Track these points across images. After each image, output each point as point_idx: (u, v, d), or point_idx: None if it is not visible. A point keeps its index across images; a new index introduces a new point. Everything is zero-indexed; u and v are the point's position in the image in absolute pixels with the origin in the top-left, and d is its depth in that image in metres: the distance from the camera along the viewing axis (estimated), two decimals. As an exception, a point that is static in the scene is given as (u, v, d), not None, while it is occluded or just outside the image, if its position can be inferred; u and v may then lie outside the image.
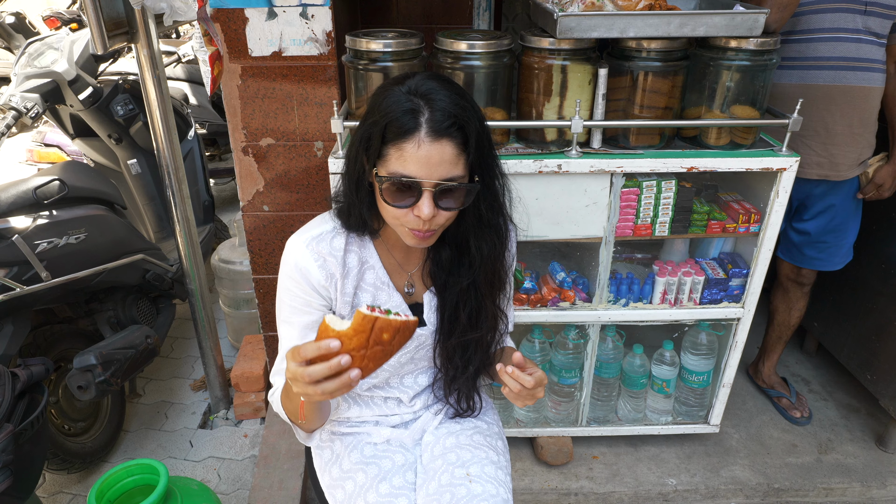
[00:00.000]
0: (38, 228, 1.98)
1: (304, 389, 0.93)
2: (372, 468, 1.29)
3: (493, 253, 1.20)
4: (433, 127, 1.01)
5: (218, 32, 1.83)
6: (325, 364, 0.90)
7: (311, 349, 0.92)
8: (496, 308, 1.29)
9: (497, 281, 1.26)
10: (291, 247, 1.19)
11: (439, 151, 1.02)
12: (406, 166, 1.03)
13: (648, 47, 1.73)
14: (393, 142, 1.03)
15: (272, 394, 1.29)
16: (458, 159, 1.05)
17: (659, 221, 1.89)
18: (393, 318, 0.92)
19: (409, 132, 1.02)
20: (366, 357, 0.93)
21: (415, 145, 1.02)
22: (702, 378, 2.20)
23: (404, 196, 1.06)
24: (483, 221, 1.17)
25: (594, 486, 2.21)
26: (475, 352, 1.30)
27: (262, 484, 2.08)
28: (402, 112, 1.02)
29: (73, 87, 2.54)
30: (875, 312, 2.35)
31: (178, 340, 3.08)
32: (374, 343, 0.92)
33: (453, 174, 1.05)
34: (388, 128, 1.03)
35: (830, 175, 2.10)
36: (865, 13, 1.93)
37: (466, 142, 1.05)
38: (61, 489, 2.22)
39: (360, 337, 0.91)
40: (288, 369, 0.95)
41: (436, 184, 1.04)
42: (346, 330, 0.91)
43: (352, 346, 0.91)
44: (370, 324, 0.91)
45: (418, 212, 1.06)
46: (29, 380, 1.66)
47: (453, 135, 1.03)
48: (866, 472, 2.28)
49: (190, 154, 3.09)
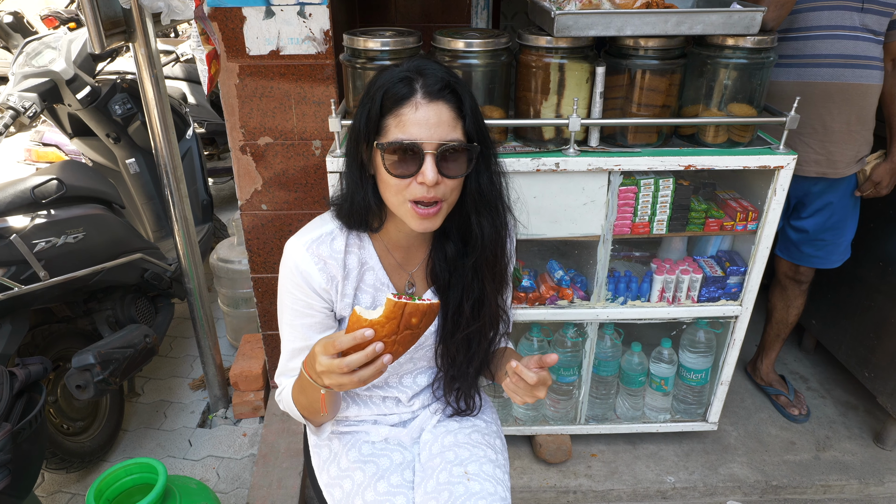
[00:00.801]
0: (36, 228, 1.98)
1: (339, 380, 0.98)
2: (370, 467, 1.30)
3: (493, 234, 1.19)
4: (428, 90, 1.05)
5: (215, 31, 1.83)
6: (362, 352, 0.95)
7: (346, 340, 0.96)
8: (497, 303, 1.28)
9: (499, 270, 1.25)
10: (291, 250, 1.19)
11: (436, 112, 1.05)
12: (406, 130, 1.05)
13: (646, 45, 1.73)
14: (391, 111, 1.06)
15: (279, 394, 1.30)
16: (456, 123, 1.07)
17: (657, 219, 1.89)
18: (420, 303, 0.97)
19: (406, 97, 1.05)
20: (396, 342, 0.98)
21: (412, 108, 1.04)
22: (700, 376, 2.20)
23: (407, 164, 1.06)
24: (484, 197, 1.17)
25: (593, 483, 2.21)
26: (477, 350, 1.29)
27: (260, 483, 2.09)
28: (397, 81, 1.06)
29: (70, 86, 2.54)
30: (873, 310, 2.35)
31: (177, 339, 3.08)
32: (403, 328, 0.97)
33: (452, 136, 1.06)
34: (384, 98, 1.06)
35: (828, 172, 2.10)
36: (863, 10, 1.93)
37: (461, 107, 1.08)
38: (60, 488, 2.22)
39: (392, 323, 0.96)
40: (319, 363, 0.99)
41: (437, 145, 1.05)
42: (379, 318, 0.96)
43: (384, 332, 0.96)
44: (400, 310, 0.96)
45: (422, 178, 1.06)
46: (27, 379, 1.66)
47: (447, 98, 1.06)
48: (864, 469, 2.29)
49: (188, 153, 3.09)
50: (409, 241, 1.24)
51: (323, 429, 1.35)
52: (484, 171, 1.15)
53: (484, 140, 1.13)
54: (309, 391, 1.15)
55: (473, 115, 1.10)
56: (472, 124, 1.10)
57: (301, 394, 1.20)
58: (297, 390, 1.22)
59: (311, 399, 1.17)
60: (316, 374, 1.05)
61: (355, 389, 1.34)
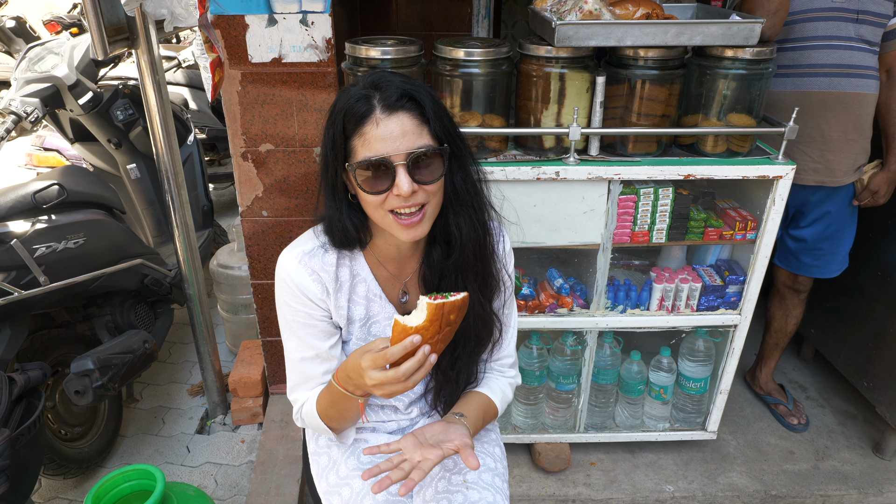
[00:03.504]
0: (36, 233, 1.98)
1: (393, 389, 1.02)
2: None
3: (472, 233, 1.18)
4: (386, 103, 1.05)
5: (219, 39, 1.84)
6: (414, 359, 1.00)
7: (397, 351, 1.00)
8: (483, 306, 1.25)
9: (482, 270, 1.23)
10: (284, 262, 1.20)
11: (399, 124, 1.05)
12: (372, 147, 1.05)
13: (646, 56, 1.74)
14: (354, 132, 1.07)
15: (297, 412, 1.30)
16: (421, 129, 1.07)
17: (656, 228, 1.90)
18: (455, 299, 1.02)
19: (365, 116, 1.05)
20: (438, 340, 1.03)
21: (373, 125, 1.05)
22: (699, 385, 2.20)
23: (380, 179, 1.07)
24: (460, 197, 1.16)
25: (592, 492, 2.21)
26: (461, 353, 1.26)
27: (259, 490, 2.08)
28: (355, 101, 1.07)
29: (73, 91, 2.55)
30: (871, 319, 2.36)
31: (176, 345, 3.07)
32: (444, 325, 1.02)
33: (420, 143, 1.06)
34: (346, 120, 1.07)
35: (827, 181, 2.11)
36: (857, 21, 1.95)
37: (423, 112, 1.08)
38: (57, 494, 2.21)
39: (435, 325, 1.01)
40: (370, 378, 1.02)
41: (406, 155, 1.05)
42: (423, 323, 1.00)
43: (429, 335, 1.01)
44: (440, 310, 1.00)
45: (398, 190, 1.06)
46: (26, 384, 1.66)
47: (407, 107, 1.06)
48: (863, 479, 2.29)
49: (189, 159, 3.09)
50: (400, 253, 1.24)
51: (347, 434, 1.34)
52: (458, 171, 1.15)
53: (453, 140, 1.12)
54: (342, 403, 1.18)
55: (438, 118, 1.09)
56: (438, 127, 1.09)
57: (332, 407, 1.21)
58: (325, 405, 1.22)
59: (343, 409, 1.20)
60: (355, 387, 1.10)
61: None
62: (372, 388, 1.04)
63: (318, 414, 1.24)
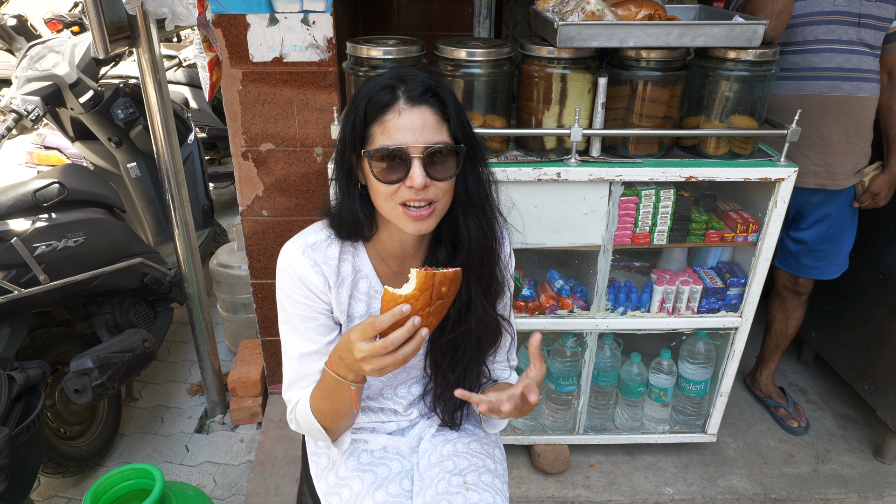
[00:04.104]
0: (36, 231, 1.98)
1: (382, 362, 0.99)
2: (368, 475, 1.29)
3: (480, 236, 1.18)
4: (410, 95, 1.06)
5: (217, 38, 1.83)
6: (403, 328, 0.97)
7: (385, 319, 0.97)
8: (486, 310, 1.24)
9: (487, 274, 1.23)
10: (287, 254, 1.19)
11: (420, 116, 1.06)
12: (391, 136, 1.06)
13: (648, 57, 1.74)
14: (375, 119, 1.07)
15: (291, 412, 1.26)
16: (441, 126, 1.08)
17: (657, 230, 1.90)
18: (447, 271, 1.01)
19: (388, 104, 1.06)
20: (430, 314, 1.01)
21: (395, 114, 1.06)
22: (699, 387, 2.20)
23: (394, 169, 1.07)
24: (471, 199, 1.17)
25: (591, 494, 2.20)
26: (462, 357, 1.26)
27: (257, 489, 2.08)
28: (379, 89, 1.07)
29: (73, 90, 2.54)
30: (872, 322, 2.35)
31: (176, 344, 3.07)
32: (436, 298, 1.00)
33: (438, 139, 1.07)
34: (368, 107, 1.07)
35: (827, 184, 2.11)
36: (859, 25, 1.95)
37: (445, 110, 1.09)
38: (56, 493, 2.21)
39: (425, 295, 0.99)
40: (358, 350, 1.00)
41: (423, 148, 1.05)
42: (413, 291, 0.98)
43: (419, 306, 0.99)
44: (430, 280, 0.98)
45: (410, 182, 1.06)
46: (26, 383, 1.66)
47: (430, 101, 1.07)
48: (863, 482, 2.28)
49: (189, 158, 3.09)
50: (404, 250, 1.24)
51: (342, 440, 1.32)
52: (470, 173, 1.16)
53: (470, 142, 1.13)
54: (335, 393, 1.14)
55: (458, 118, 1.10)
56: (457, 126, 1.10)
57: (325, 400, 1.18)
58: (318, 399, 1.20)
59: (336, 401, 1.17)
60: (347, 368, 1.07)
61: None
62: (361, 364, 1.01)
63: (312, 410, 1.21)
